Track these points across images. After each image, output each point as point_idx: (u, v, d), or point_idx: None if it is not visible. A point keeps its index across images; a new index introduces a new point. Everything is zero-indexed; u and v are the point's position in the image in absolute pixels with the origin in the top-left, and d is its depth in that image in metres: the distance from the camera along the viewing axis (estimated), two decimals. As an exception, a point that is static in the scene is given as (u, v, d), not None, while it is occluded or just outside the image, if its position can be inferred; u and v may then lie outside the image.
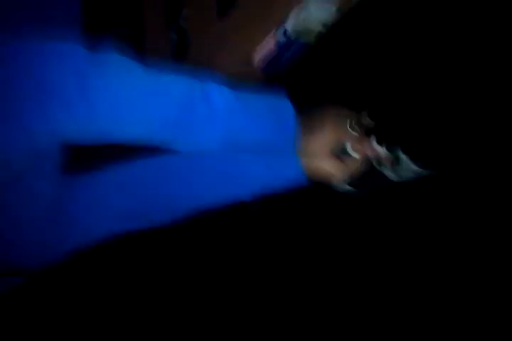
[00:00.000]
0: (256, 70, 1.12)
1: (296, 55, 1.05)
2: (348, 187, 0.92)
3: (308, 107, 0.88)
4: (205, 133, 0.80)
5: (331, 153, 0.88)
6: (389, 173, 0.89)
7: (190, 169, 0.93)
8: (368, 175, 0.90)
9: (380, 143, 0.87)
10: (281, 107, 0.86)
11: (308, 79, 1.10)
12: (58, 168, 0.87)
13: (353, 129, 0.87)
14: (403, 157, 0.87)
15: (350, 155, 0.88)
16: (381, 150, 0.87)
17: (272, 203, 1.00)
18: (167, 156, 0.92)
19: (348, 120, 0.87)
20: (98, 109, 0.72)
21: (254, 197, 0.95)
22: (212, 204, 0.94)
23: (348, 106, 0.90)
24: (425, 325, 0.95)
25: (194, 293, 1.10)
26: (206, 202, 0.94)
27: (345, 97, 0.96)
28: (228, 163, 0.93)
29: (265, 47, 1.05)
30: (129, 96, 0.75)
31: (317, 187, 0.94)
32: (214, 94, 0.79)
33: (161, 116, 0.77)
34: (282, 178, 0.94)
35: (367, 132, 0.88)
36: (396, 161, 0.88)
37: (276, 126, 0.85)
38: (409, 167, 0.87)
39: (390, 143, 0.87)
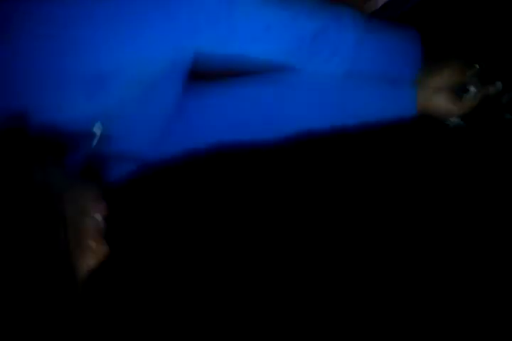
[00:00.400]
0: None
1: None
2: (458, 121, 0.98)
3: (435, 46, 0.94)
4: (335, 59, 0.87)
5: (451, 89, 0.95)
6: (503, 111, 0.98)
7: (304, 91, 0.97)
8: (482, 111, 0.97)
9: (503, 89, 0.96)
10: (408, 41, 0.92)
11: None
12: (186, 79, 0.94)
13: (477, 71, 0.95)
14: None
15: (468, 93, 0.95)
16: (505, 94, 0.96)
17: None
18: (282, 79, 0.96)
19: (474, 65, 0.95)
20: (239, 28, 0.81)
21: (363, 127, 0.99)
22: (318, 129, 0.98)
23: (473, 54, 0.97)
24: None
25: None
26: (313, 125, 0.98)
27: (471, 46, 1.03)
28: (345, 90, 0.96)
29: None
30: (267, 20, 0.82)
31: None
32: (347, 24, 0.86)
33: (295, 38, 0.85)
34: (395, 109, 0.98)
35: (488, 75, 0.96)
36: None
37: (401, 58, 0.92)
38: None
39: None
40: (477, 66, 0.95)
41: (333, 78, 0.93)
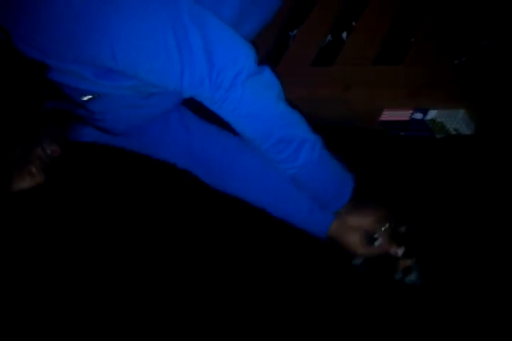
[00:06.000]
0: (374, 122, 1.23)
1: (416, 134, 1.19)
2: (356, 262, 1.11)
3: (367, 193, 1.07)
4: (285, 164, 1.01)
5: (362, 234, 1.07)
6: (396, 273, 1.08)
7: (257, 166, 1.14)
8: (379, 264, 1.10)
9: (406, 255, 1.07)
10: (345, 180, 1.05)
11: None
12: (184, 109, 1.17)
13: (387, 230, 1.06)
14: (414, 274, 1.07)
15: (374, 245, 1.07)
16: (403, 260, 1.07)
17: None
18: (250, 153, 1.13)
19: (389, 222, 1.07)
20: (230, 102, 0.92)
21: (276, 216, 1.15)
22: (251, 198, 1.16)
23: (395, 213, 1.09)
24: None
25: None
26: (248, 193, 1.16)
27: (397, 206, 1.14)
28: (287, 187, 1.10)
29: (398, 115, 1.16)
30: (259, 110, 0.95)
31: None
32: (307, 148, 0.99)
33: (269, 134, 0.97)
34: (308, 223, 1.12)
35: (397, 239, 1.08)
36: (407, 271, 1.07)
37: (334, 189, 1.06)
38: (413, 280, 1.07)
39: (414, 261, 1.08)
40: (388, 225, 1.06)
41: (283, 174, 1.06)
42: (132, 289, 1.68)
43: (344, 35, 1.45)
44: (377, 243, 1.06)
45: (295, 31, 1.58)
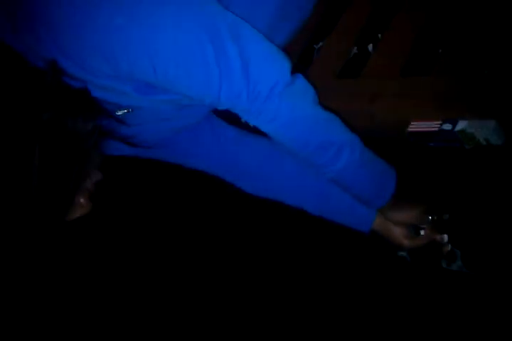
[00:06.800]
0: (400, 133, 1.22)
1: (445, 145, 1.18)
2: (402, 254, 1.19)
3: (406, 189, 1.08)
4: (325, 168, 1.00)
5: (407, 226, 1.12)
6: (442, 260, 1.17)
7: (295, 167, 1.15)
8: (425, 253, 1.13)
9: (449, 242, 1.11)
10: (387, 176, 1.06)
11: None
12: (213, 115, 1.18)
13: (431, 220, 1.10)
14: (459, 261, 1.15)
15: (419, 235, 1.12)
16: (447, 246, 1.11)
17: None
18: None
19: (432, 213, 1.11)
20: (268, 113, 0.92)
21: (318, 214, 1.17)
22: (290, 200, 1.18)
23: (437, 202, 1.14)
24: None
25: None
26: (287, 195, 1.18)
27: (437, 197, 1.20)
28: (326, 184, 1.10)
29: (426, 126, 1.16)
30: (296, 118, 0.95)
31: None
32: (347, 150, 0.98)
33: (310, 142, 0.97)
34: (353, 218, 1.15)
35: (440, 227, 1.12)
36: (452, 256, 1.16)
37: (375, 186, 1.06)
38: (459, 266, 1.15)
39: (456, 246, 1.16)
40: (431, 217, 1.11)
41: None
42: (138, 289, 1.74)
43: (370, 47, 1.45)
44: (422, 233, 1.12)
45: (320, 44, 1.59)
